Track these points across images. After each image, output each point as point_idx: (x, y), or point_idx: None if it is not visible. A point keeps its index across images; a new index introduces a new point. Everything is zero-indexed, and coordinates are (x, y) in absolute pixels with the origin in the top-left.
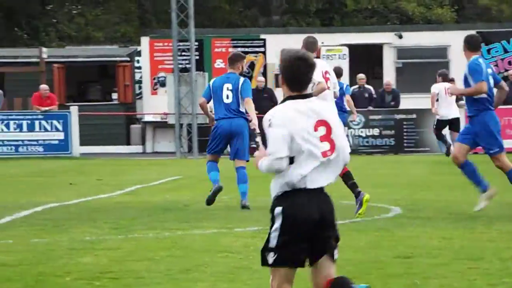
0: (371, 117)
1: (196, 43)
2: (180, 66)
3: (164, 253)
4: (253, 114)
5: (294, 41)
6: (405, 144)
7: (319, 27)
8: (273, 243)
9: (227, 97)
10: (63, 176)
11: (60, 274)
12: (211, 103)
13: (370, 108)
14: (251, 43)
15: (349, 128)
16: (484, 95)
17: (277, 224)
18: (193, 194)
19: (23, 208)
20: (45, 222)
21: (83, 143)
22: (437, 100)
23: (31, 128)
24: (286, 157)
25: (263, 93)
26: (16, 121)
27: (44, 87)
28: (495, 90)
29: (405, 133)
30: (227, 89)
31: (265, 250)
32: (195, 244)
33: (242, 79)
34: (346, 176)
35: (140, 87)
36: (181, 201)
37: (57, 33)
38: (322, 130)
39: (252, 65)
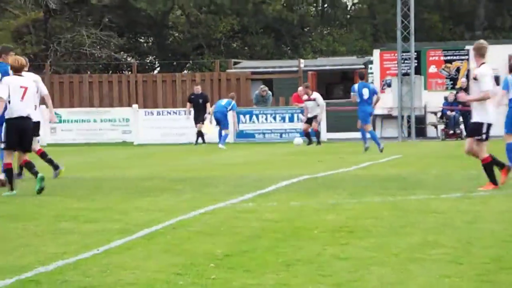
0: None
1: (415, 54)
2: (403, 71)
3: (387, 213)
4: None
5: (492, 50)
6: None
7: None
8: None
9: None
10: (314, 155)
11: (310, 228)
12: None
13: None
14: (458, 52)
15: None
16: None
17: None
18: (410, 169)
19: (285, 179)
20: (299, 189)
21: (329, 130)
22: None
23: (291, 120)
24: None
25: (467, 91)
26: (281, 115)
27: (301, 89)
28: None
29: None
30: None
31: None
32: (411, 206)
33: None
34: (42, 155)
35: None
36: (401, 174)
37: (312, 48)
38: None
39: (458, 69)
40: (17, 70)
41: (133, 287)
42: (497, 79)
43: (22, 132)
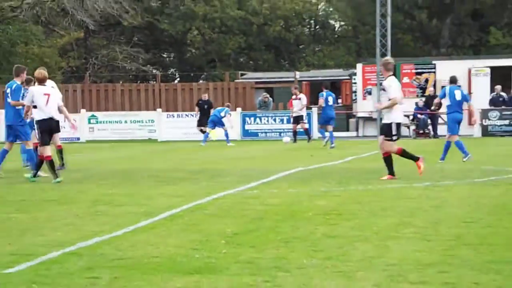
0: (504, 112)
1: None
2: (381, 81)
3: (368, 199)
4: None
5: (454, 64)
6: None
7: (471, 56)
8: None
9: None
10: (307, 151)
11: (305, 211)
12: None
13: (503, 107)
14: (427, 66)
15: (489, 119)
16: None
17: None
18: None
19: (283, 170)
20: (296, 179)
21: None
22: None
23: (288, 122)
24: None
25: (433, 98)
26: (280, 117)
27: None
28: None
29: None
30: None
31: None
32: (388, 193)
33: (14, 85)
34: (60, 151)
35: (355, 95)
36: (380, 167)
37: (305, 62)
38: None
39: (426, 80)
40: (41, 81)
41: (157, 259)
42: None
43: (50, 130)
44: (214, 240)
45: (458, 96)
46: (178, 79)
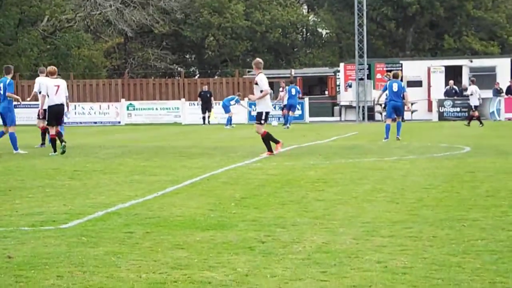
0: (456, 102)
1: (367, 66)
2: (359, 77)
3: (349, 170)
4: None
5: (416, 64)
6: None
7: (430, 57)
8: None
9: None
10: (300, 131)
11: (298, 180)
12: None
13: (455, 97)
14: (395, 65)
15: (444, 107)
16: None
17: None
18: (364, 141)
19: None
20: (289, 155)
21: (310, 115)
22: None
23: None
24: None
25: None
26: (279, 105)
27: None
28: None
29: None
30: None
31: None
32: (364, 165)
33: (8, 81)
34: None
35: (339, 88)
36: (358, 145)
37: (299, 62)
38: None
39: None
40: (52, 74)
41: (180, 218)
42: (420, 83)
43: (57, 114)
44: (226, 203)
45: (395, 88)
46: (198, 75)
